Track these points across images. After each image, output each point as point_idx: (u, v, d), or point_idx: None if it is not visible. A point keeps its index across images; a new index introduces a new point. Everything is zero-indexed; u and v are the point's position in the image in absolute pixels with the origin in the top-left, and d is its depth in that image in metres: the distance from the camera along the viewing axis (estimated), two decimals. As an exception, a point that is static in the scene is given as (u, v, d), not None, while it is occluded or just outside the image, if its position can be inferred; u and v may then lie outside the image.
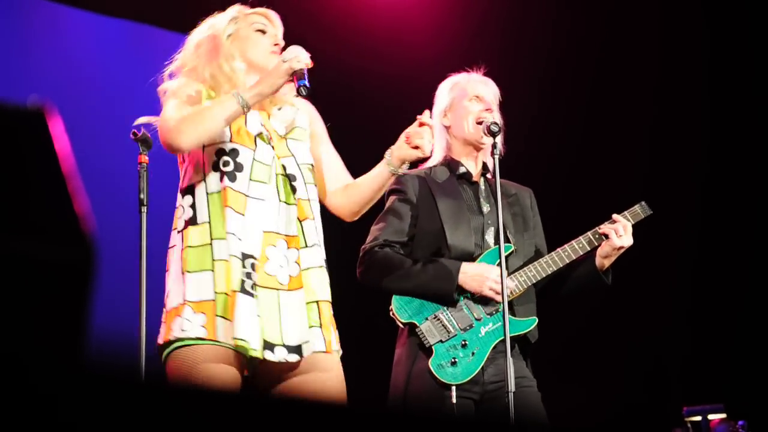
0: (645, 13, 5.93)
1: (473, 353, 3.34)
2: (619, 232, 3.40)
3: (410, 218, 3.47)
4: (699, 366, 5.68)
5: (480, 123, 3.47)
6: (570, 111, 5.92)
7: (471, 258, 3.41)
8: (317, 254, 2.83)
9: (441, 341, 3.35)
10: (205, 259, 2.73)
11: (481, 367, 3.34)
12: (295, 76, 2.78)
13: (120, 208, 4.11)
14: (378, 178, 3.02)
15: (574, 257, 3.45)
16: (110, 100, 5.17)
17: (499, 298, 3.28)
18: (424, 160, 3.36)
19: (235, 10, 2.99)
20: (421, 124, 2.98)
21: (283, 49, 2.91)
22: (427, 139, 2.97)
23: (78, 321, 0.83)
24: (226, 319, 2.68)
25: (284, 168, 2.83)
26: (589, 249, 3.45)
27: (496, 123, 3.37)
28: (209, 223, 2.76)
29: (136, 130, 3.02)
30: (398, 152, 2.99)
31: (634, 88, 5.93)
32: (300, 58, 2.79)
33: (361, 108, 5.74)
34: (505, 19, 6.00)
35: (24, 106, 0.96)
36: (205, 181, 2.80)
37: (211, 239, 2.75)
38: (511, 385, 3.11)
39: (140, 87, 3.03)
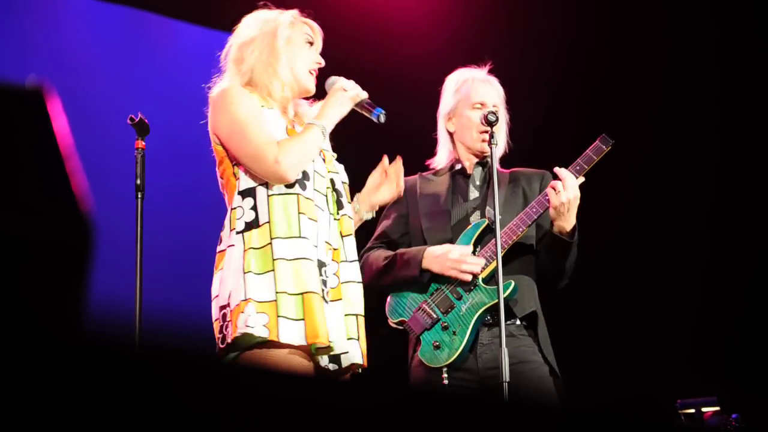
0: (653, 7, 5.89)
1: (455, 332, 3.40)
2: (557, 189, 3.34)
3: (399, 218, 3.62)
4: (693, 358, 5.69)
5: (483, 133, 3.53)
6: (578, 108, 5.88)
7: (450, 243, 3.48)
8: (356, 270, 2.92)
9: (426, 329, 3.44)
10: (267, 261, 2.74)
11: (471, 350, 3.39)
12: (363, 104, 2.93)
13: (116, 194, 4.10)
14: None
15: (529, 222, 3.41)
16: (107, 85, 5.16)
17: (463, 276, 3.39)
18: (427, 169, 3.66)
19: (291, 14, 2.99)
20: (386, 172, 3.13)
21: (322, 72, 2.98)
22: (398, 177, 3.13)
23: (75, 299, 0.83)
24: (290, 319, 2.70)
25: (332, 183, 2.92)
26: (542, 210, 3.41)
27: (493, 112, 3.40)
28: (269, 223, 2.77)
29: (133, 116, 3.01)
30: (368, 199, 3.14)
31: (643, 86, 5.89)
32: (359, 90, 2.94)
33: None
34: (509, 12, 5.96)
35: (22, 86, 0.95)
36: (266, 185, 2.81)
37: (271, 239, 2.75)
38: (506, 375, 3.11)
39: (136, 72, 3.02)
